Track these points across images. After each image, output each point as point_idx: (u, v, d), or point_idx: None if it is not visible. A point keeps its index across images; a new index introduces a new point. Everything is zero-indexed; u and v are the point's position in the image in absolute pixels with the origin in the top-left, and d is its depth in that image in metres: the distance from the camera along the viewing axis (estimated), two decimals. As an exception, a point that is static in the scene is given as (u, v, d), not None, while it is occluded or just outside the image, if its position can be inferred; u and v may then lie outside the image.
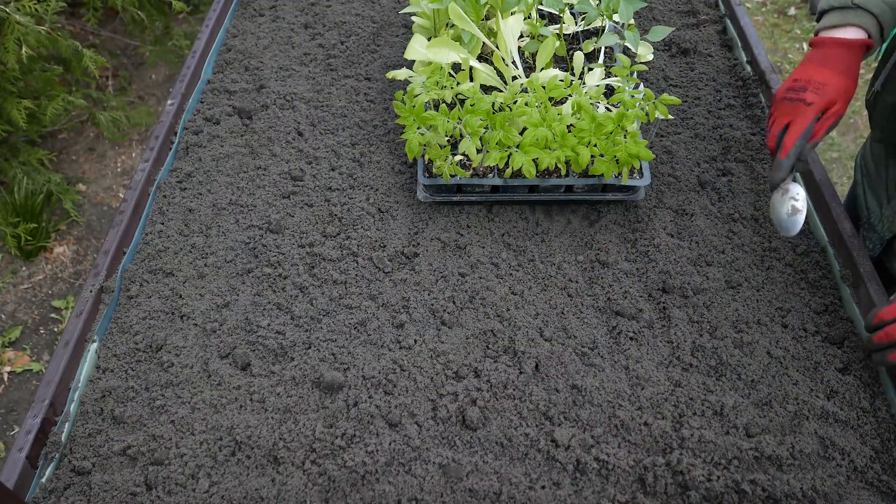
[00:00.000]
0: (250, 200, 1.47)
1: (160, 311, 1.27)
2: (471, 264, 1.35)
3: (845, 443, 1.09)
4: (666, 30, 1.51)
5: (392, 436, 1.09)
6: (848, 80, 1.20)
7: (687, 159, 1.55)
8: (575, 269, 1.35)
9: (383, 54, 1.84)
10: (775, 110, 1.23)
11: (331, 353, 1.20)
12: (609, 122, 1.29)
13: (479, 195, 1.42)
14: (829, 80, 1.19)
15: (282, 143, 1.59)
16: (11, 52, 2.24)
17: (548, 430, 1.10)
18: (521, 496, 1.03)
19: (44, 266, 2.77)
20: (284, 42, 1.88)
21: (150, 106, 3.36)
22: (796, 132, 1.18)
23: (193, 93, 1.70)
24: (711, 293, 1.30)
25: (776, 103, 1.24)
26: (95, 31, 3.30)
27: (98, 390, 1.16)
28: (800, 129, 1.18)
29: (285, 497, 1.03)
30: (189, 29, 3.51)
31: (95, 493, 1.04)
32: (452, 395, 1.14)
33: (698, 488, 1.03)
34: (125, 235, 1.37)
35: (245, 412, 1.13)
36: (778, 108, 1.23)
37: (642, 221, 1.43)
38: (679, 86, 1.75)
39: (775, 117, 1.23)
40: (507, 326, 1.24)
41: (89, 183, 3.07)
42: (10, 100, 2.50)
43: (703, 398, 1.14)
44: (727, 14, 1.95)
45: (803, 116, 1.18)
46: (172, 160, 1.57)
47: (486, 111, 1.30)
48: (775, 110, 1.23)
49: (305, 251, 1.37)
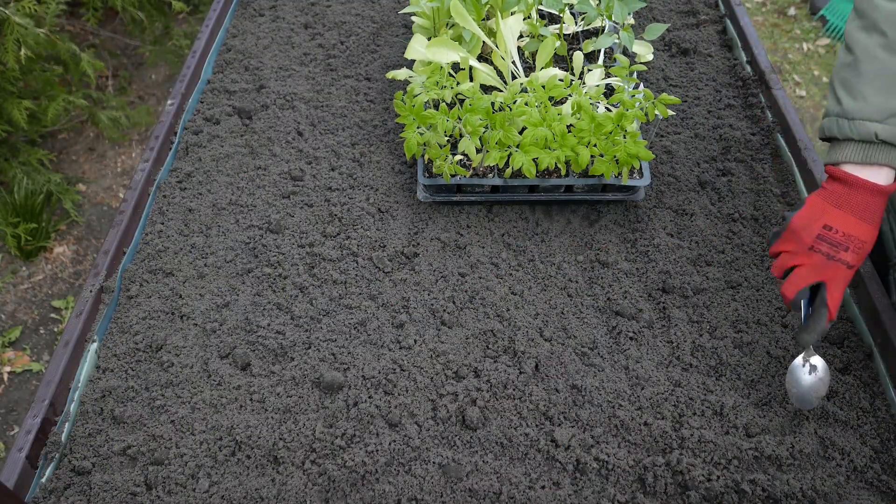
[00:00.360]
0: (250, 200, 1.47)
1: (160, 311, 1.27)
2: (471, 264, 1.35)
3: (845, 443, 1.09)
4: (661, 27, 1.51)
5: (392, 436, 1.09)
6: (877, 230, 1.03)
7: (687, 159, 1.55)
8: (575, 269, 1.35)
9: (383, 54, 1.84)
10: (803, 259, 1.03)
11: (331, 353, 1.20)
12: (609, 122, 1.29)
13: (479, 195, 1.42)
14: (869, 236, 1.01)
15: (282, 143, 1.59)
16: (11, 53, 2.24)
17: (548, 430, 1.10)
18: (521, 496, 1.03)
19: (44, 266, 2.77)
20: (284, 42, 1.88)
21: (150, 106, 3.36)
22: (840, 296, 1.03)
23: (193, 93, 1.70)
24: (711, 293, 1.30)
25: (804, 251, 1.03)
26: (95, 31, 3.30)
27: (98, 390, 1.16)
28: (842, 292, 1.03)
29: (285, 497, 1.03)
30: (189, 29, 3.51)
31: (95, 493, 1.04)
32: (452, 395, 1.14)
33: (698, 488, 1.03)
34: (125, 235, 1.37)
35: (245, 412, 1.13)
36: (808, 259, 1.03)
37: (642, 221, 1.43)
38: (679, 86, 1.75)
39: (802, 269, 1.04)
40: (507, 326, 1.24)
41: (89, 183, 3.07)
42: (10, 100, 2.50)
43: (703, 398, 1.14)
44: (727, 14, 1.95)
45: (844, 280, 1.02)
46: (172, 160, 1.57)
47: (485, 111, 1.30)
48: (803, 259, 1.03)
49: (305, 251, 1.37)
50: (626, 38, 1.47)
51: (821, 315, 1.04)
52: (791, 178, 1.51)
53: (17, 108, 2.47)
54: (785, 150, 1.56)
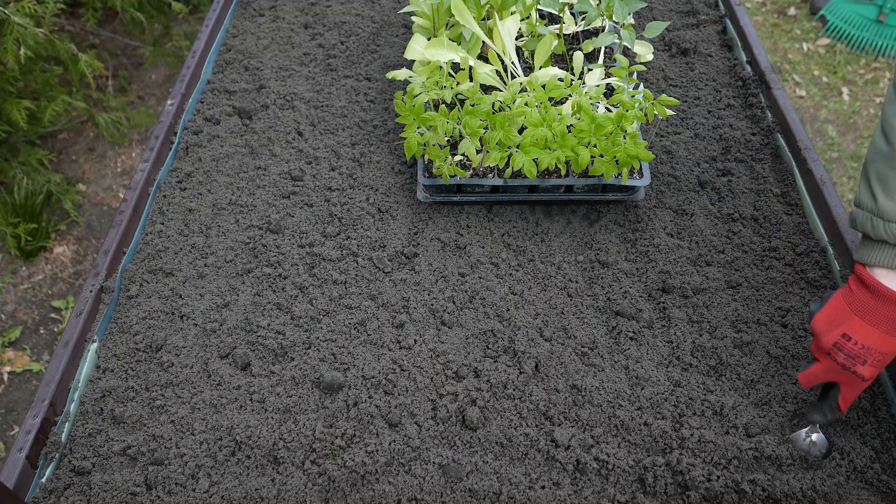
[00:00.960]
0: (250, 200, 1.47)
1: (160, 311, 1.27)
2: (471, 264, 1.35)
3: (845, 443, 1.09)
4: (661, 25, 1.51)
5: (392, 436, 1.09)
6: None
7: (687, 159, 1.56)
8: (575, 269, 1.35)
9: (383, 54, 1.84)
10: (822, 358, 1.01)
11: (331, 353, 1.20)
12: (608, 122, 1.29)
13: (479, 195, 1.42)
14: (891, 350, 0.95)
15: (282, 143, 1.59)
16: (10, 53, 2.24)
17: (548, 430, 1.10)
18: (520, 496, 1.03)
19: (44, 266, 2.77)
20: (284, 42, 1.88)
21: (149, 106, 3.36)
22: (852, 398, 1.02)
23: (193, 93, 1.70)
24: (711, 293, 1.30)
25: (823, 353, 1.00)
26: (95, 31, 3.30)
27: (98, 390, 1.16)
28: (856, 395, 1.02)
29: (285, 497, 1.03)
30: (189, 29, 3.51)
31: (95, 493, 1.04)
32: (452, 395, 1.14)
33: (698, 488, 1.03)
34: (125, 235, 1.37)
35: (245, 412, 1.13)
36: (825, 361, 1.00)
37: (642, 221, 1.43)
38: (679, 86, 1.75)
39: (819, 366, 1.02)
40: (507, 326, 1.24)
41: (89, 183, 3.07)
42: (9, 100, 2.50)
43: (703, 398, 1.14)
44: (727, 14, 1.95)
45: (857, 387, 1.00)
46: (172, 160, 1.57)
47: (485, 111, 1.30)
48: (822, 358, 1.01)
49: (305, 251, 1.37)
50: (627, 36, 1.47)
51: (831, 410, 1.04)
52: (791, 179, 1.51)
53: (17, 108, 2.47)
54: (785, 150, 1.56)
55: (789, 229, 1.41)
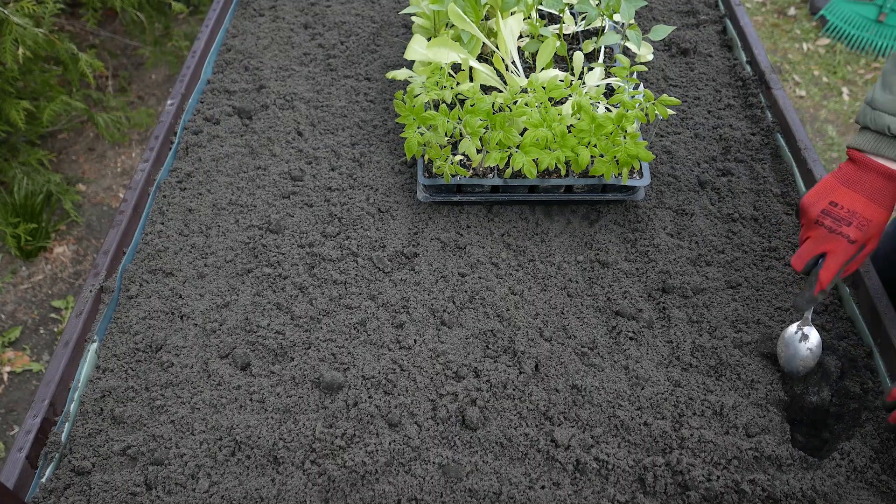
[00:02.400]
0: (250, 200, 1.47)
1: (160, 311, 1.27)
2: (471, 264, 1.35)
3: (845, 443, 1.09)
4: (667, 29, 1.51)
5: (392, 436, 1.09)
6: (888, 214, 1.07)
7: (687, 159, 1.56)
8: (575, 269, 1.35)
9: (383, 54, 1.84)
10: (810, 232, 1.10)
11: (331, 353, 1.20)
12: (609, 122, 1.29)
13: (479, 195, 1.42)
14: (874, 216, 1.05)
15: (282, 143, 1.59)
16: (9, 53, 2.24)
17: (548, 430, 1.10)
18: (520, 496, 1.03)
19: (44, 266, 2.77)
20: (284, 42, 1.88)
21: (149, 106, 3.36)
22: (835, 268, 1.07)
23: (193, 93, 1.70)
24: (711, 293, 1.30)
25: (810, 224, 1.09)
26: (95, 31, 3.30)
27: (98, 390, 1.16)
28: (839, 265, 1.07)
29: (285, 497, 1.03)
30: (189, 29, 3.51)
31: (95, 493, 1.04)
32: (452, 395, 1.14)
33: (698, 488, 1.03)
34: (125, 235, 1.37)
35: (245, 412, 1.13)
36: (813, 231, 1.09)
37: (642, 221, 1.43)
38: (679, 86, 1.75)
39: (808, 241, 1.10)
40: (506, 326, 1.24)
41: (89, 183, 3.07)
42: (8, 100, 2.50)
43: (703, 398, 1.14)
44: (727, 14, 1.95)
45: (844, 253, 1.06)
46: (172, 160, 1.57)
47: (486, 111, 1.30)
48: (810, 232, 1.10)
49: (305, 251, 1.37)
50: (633, 36, 1.47)
51: (812, 284, 1.09)
52: (791, 178, 1.51)
53: (15, 108, 2.47)
54: (785, 150, 1.56)
55: (789, 229, 1.41)
